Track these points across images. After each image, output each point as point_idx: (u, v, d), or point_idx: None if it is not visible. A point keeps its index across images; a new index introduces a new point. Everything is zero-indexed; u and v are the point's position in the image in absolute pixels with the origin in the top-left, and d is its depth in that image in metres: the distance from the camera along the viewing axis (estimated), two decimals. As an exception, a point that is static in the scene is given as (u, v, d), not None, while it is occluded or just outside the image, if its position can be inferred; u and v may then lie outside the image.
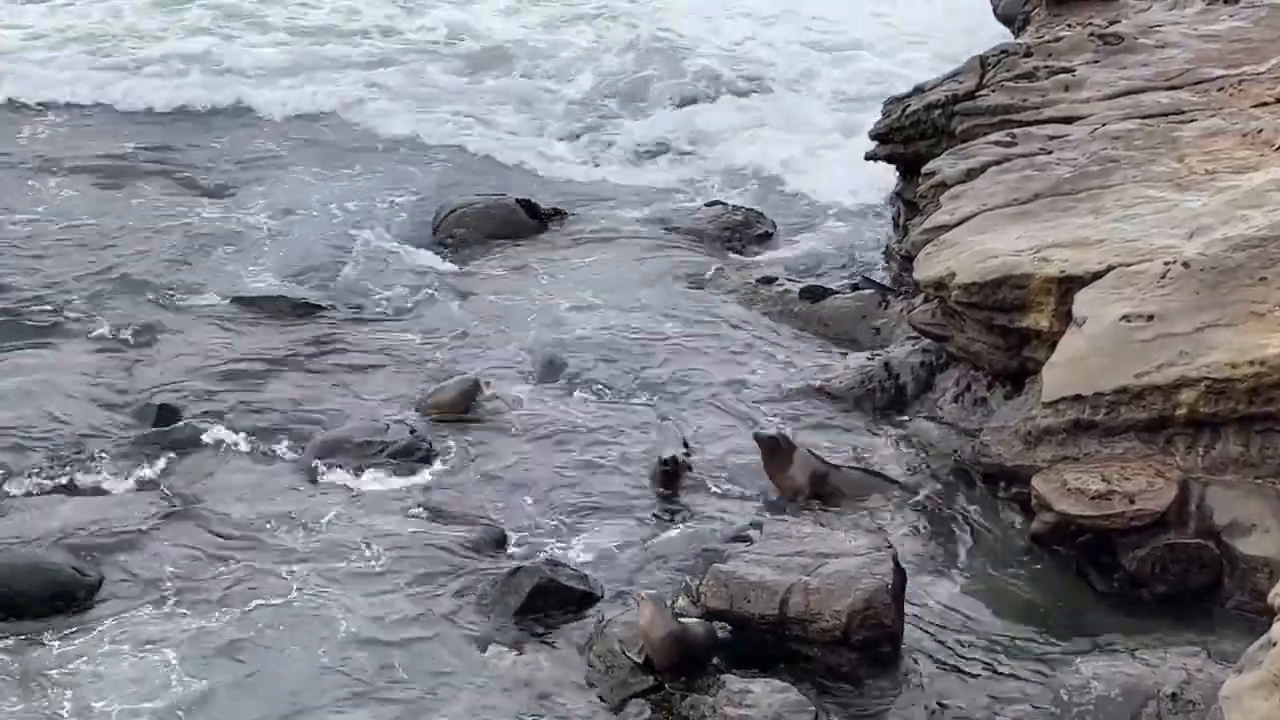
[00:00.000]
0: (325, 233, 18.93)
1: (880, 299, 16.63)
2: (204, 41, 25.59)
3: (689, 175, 21.28)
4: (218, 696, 10.93)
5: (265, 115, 23.20)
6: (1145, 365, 12.41)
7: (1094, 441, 12.55)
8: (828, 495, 13.13)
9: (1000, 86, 17.39)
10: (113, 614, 11.79)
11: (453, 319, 16.85)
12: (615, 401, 15.08)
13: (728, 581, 11.16)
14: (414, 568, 12.34)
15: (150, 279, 17.57)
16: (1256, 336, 12.16)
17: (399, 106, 23.37)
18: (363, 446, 14.02)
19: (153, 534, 12.76)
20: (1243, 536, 11.76)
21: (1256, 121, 15.39)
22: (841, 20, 27.10)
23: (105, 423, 14.46)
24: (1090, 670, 10.14)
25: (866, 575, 11.07)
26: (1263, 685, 8.20)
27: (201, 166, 21.09)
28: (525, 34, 26.59)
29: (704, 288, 17.55)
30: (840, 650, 10.95)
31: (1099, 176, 14.95)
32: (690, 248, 18.57)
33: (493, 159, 21.72)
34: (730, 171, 21.29)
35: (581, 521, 13.08)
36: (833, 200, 20.06)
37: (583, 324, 16.62)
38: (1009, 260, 13.72)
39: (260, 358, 15.81)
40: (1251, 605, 11.14)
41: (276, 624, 11.66)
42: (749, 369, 15.71)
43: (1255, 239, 12.97)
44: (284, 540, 12.69)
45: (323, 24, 26.86)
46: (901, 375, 14.93)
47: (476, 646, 11.40)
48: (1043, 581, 12.10)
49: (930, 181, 16.19)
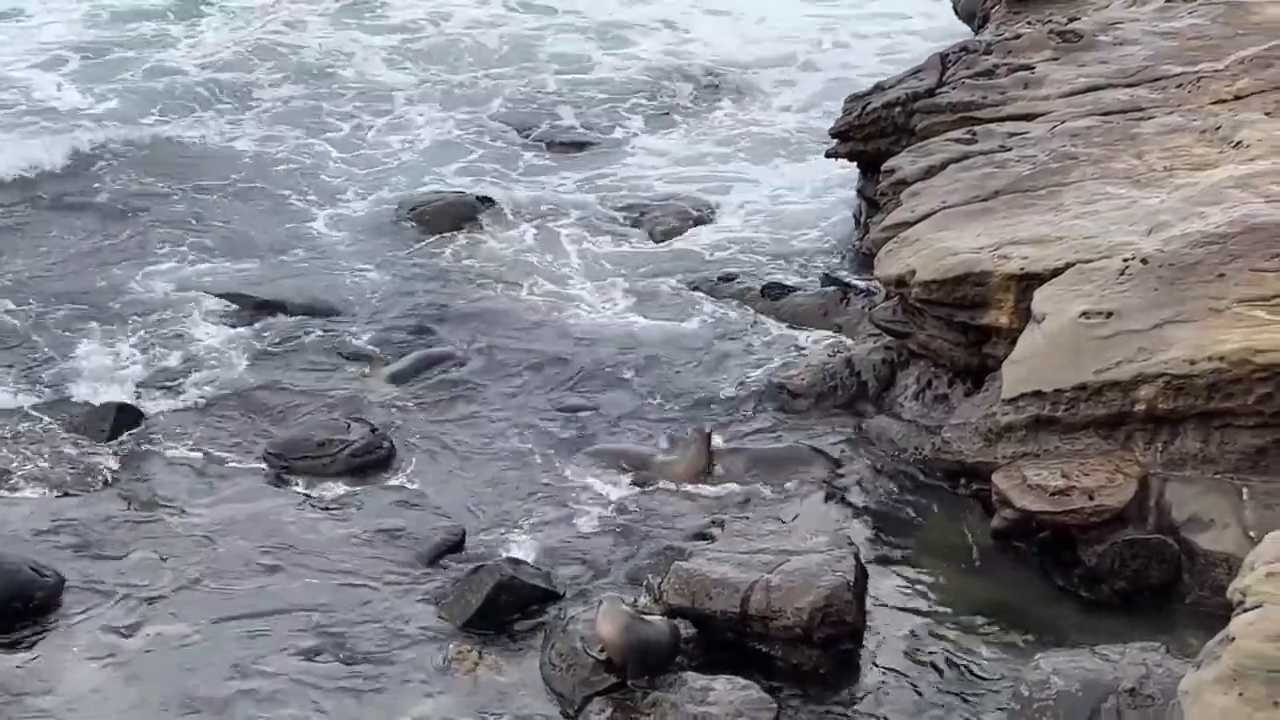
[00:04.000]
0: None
1: (842, 296, 16.65)
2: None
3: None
4: (174, 701, 10.84)
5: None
6: (1104, 362, 12.44)
7: (1054, 438, 12.58)
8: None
9: (960, 84, 17.41)
10: (71, 615, 11.72)
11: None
12: (572, 396, 15.09)
13: (689, 579, 11.15)
14: (374, 567, 12.30)
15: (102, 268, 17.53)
16: (1215, 333, 12.20)
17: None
18: (323, 445, 13.96)
19: (111, 536, 12.70)
20: (1202, 532, 11.80)
21: (1215, 118, 15.45)
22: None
23: (63, 423, 14.39)
24: (1050, 665, 10.14)
25: (828, 572, 11.07)
26: (1222, 680, 8.23)
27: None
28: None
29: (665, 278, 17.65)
30: (802, 647, 10.94)
31: (1058, 173, 14.99)
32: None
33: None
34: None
35: (543, 519, 13.07)
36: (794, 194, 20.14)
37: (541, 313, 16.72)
38: (969, 257, 13.75)
39: (221, 355, 15.78)
40: (1210, 600, 11.16)
41: (234, 628, 11.59)
42: (710, 363, 15.72)
43: (1214, 235, 13.01)
44: (242, 541, 12.63)
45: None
46: (863, 373, 14.93)
47: (437, 646, 11.37)
48: (1003, 578, 12.13)
49: (890, 179, 16.20)
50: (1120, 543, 11.81)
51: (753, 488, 13.44)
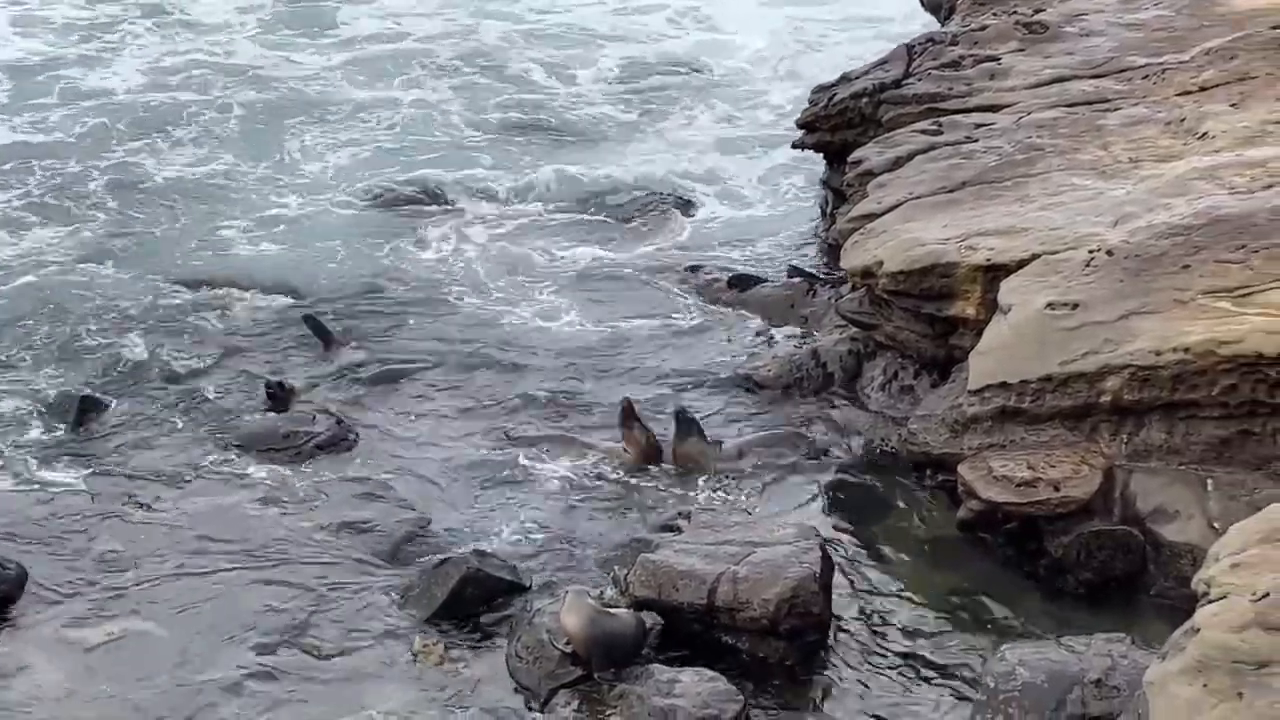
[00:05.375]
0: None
1: (808, 288, 16.65)
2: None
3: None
4: (137, 693, 10.79)
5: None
6: (1070, 353, 12.46)
7: (1020, 429, 12.59)
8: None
9: (927, 75, 17.44)
10: (33, 608, 11.65)
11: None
12: (537, 387, 15.07)
13: (656, 571, 11.14)
14: (339, 559, 12.26)
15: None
16: (1180, 324, 12.23)
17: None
18: (289, 437, 13.91)
19: (74, 528, 12.62)
20: (1167, 523, 11.83)
21: (1180, 110, 15.49)
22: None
23: (24, 414, 14.31)
24: (1016, 656, 10.13)
25: (794, 564, 11.07)
26: (1186, 671, 8.24)
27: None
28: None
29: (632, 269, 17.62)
30: (769, 639, 10.94)
31: (1024, 165, 15.01)
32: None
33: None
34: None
35: (509, 511, 13.03)
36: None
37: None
38: (936, 248, 13.76)
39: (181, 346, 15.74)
40: (1175, 591, 11.18)
41: (200, 620, 11.55)
42: (676, 354, 15.71)
43: (1179, 227, 13.03)
44: (207, 533, 12.57)
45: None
46: (829, 364, 14.95)
47: (403, 638, 11.33)
48: (969, 569, 12.13)
49: (857, 170, 16.22)
50: (1086, 534, 11.83)
51: (719, 479, 13.42)
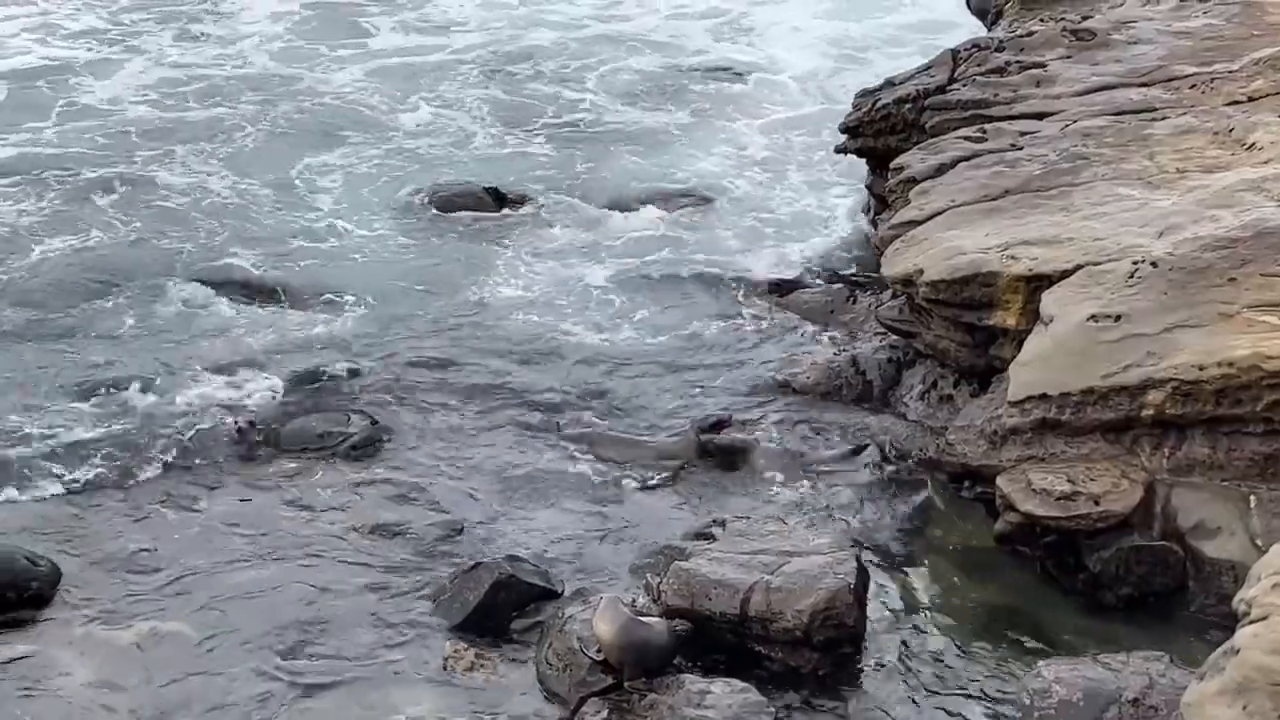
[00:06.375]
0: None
1: (848, 294, 16.54)
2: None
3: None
4: (167, 692, 10.78)
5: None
6: (1112, 366, 12.33)
7: (1060, 441, 12.47)
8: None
9: (971, 81, 17.28)
10: (67, 607, 11.65)
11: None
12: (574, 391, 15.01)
13: (689, 579, 11.06)
14: (372, 562, 12.23)
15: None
16: (1225, 338, 12.09)
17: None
18: (323, 437, 13.89)
19: (109, 528, 12.63)
20: (1208, 539, 11.69)
21: (1228, 120, 15.32)
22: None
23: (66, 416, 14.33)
24: (1052, 673, 10.04)
25: (829, 575, 10.98)
26: (1225, 692, 8.12)
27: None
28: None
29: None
30: (801, 650, 10.86)
31: (1069, 174, 14.87)
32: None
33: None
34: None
35: (542, 516, 12.98)
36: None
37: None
38: (977, 257, 13.63)
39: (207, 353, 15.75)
40: (1216, 609, 11.07)
41: (230, 621, 11.53)
42: (714, 359, 15.63)
43: (1225, 239, 12.89)
44: (240, 535, 12.57)
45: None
46: (868, 371, 14.84)
47: (434, 643, 11.28)
48: (1006, 582, 12.02)
49: (900, 176, 16.07)
50: (1125, 549, 11.70)
51: (755, 486, 13.33)
